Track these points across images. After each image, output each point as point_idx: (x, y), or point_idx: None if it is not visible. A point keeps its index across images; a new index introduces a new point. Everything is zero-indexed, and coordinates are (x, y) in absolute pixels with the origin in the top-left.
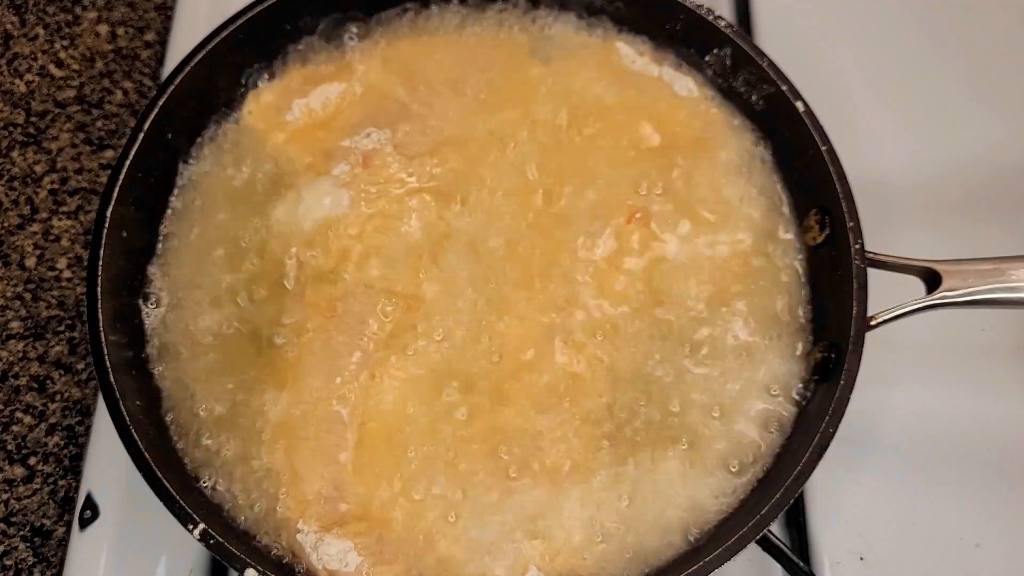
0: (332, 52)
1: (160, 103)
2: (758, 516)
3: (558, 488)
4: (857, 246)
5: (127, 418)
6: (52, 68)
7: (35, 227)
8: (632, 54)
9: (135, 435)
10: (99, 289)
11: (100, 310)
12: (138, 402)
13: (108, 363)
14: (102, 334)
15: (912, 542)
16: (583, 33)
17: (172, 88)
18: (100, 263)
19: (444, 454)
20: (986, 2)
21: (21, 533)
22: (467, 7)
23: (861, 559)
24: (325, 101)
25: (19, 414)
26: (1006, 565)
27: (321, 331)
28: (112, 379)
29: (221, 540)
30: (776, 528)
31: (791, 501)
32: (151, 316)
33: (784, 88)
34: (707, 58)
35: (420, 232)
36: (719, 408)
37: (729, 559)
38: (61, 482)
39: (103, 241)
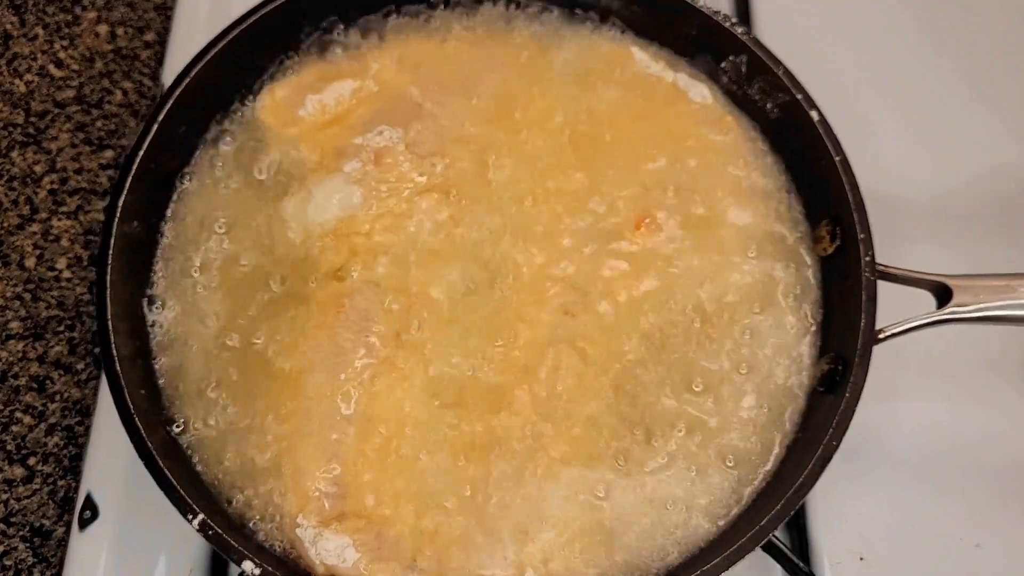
0: (347, 49)
1: (175, 95)
2: (758, 526)
3: (557, 491)
4: (868, 258)
5: (131, 407)
6: (52, 68)
7: (35, 227)
8: (647, 59)
9: (138, 423)
10: (108, 279)
11: (108, 300)
12: (142, 391)
13: (115, 352)
14: (109, 323)
15: (912, 542)
16: (598, 37)
17: (187, 81)
18: (110, 252)
19: (445, 453)
20: (1002, 12)
21: (21, 533)
22: (482, 9)
23: (861, 559)
24: (339, 98)
25: (19, 414)
26: (1006, 565)
27: (327, 327)
28: (118, 368)
29: (220, 531)
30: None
31: (791, 513)
32: (156, 309)
33: (799, 97)
34: (723, 65)
35: (429, 231)
36: (721, 417)
37: (727, 568)
38: (61, 482)
39: (113, 231)
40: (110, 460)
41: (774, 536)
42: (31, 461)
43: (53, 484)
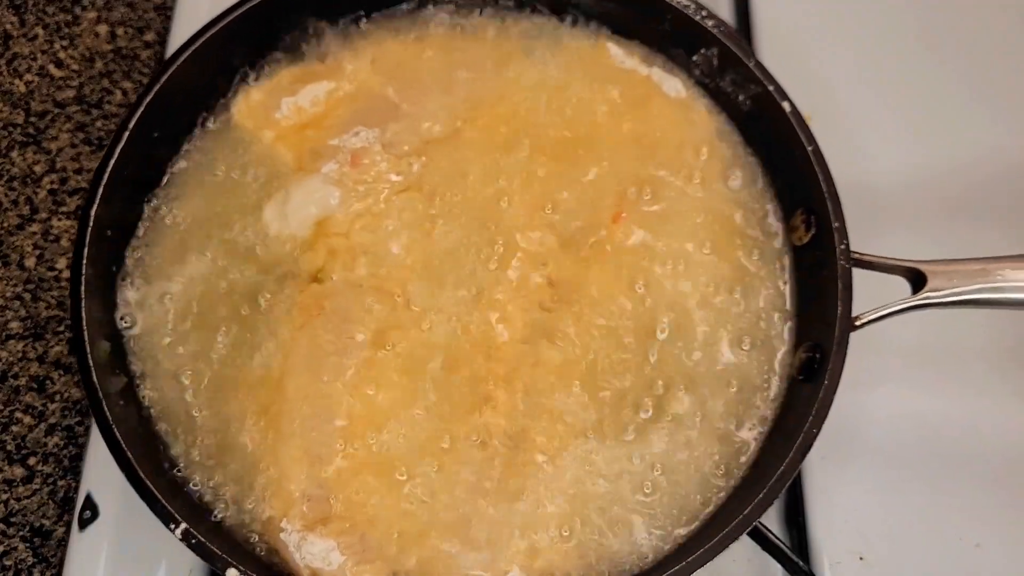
0: (321, 51)
1: (146, 101)
2: (741, 516)
3: (542, 488)
4: (842, 246)
5: (109, 418)
6: (52, 68)
7: (35, 227)
8: (621, 54)
9: (117, 435)
10: (83, 288)
11: (84, 309)
12: (122, 402)
13: (91, 362)
14: (85, 332)
15: (912, 542)
16: (573, 33)
17: (159, 86)
18: (84, 262)
19: (429, 453)
20: (975, 2)
21: (21, 533)
22: (457, 8)
23: (861, 559)
24: (314, 99)
25: (19, 414)
26: (1006, 565)
27: (308, 329)
28: (95, 378)
29: (203, 540)
30: (776, 528)
31: (773, 501)
32: (130, 316)
33: (771, 88)
34: (695, 58)
35: (407, 231)
36: (700, 408)
37: (712, 557)
38: (61, 482)
39: (87, 240)
40: (110, 460)
41: (774, 535)
42: (31, 461)
43: (53, 484)
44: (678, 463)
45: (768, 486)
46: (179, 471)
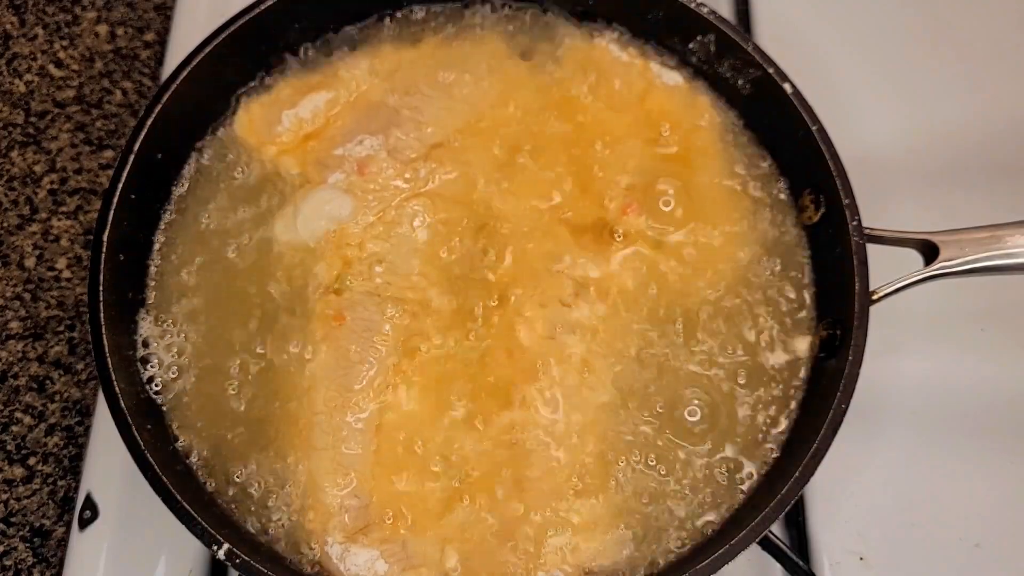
0: (317, 62)
1: (148, 124)
2: (779, 496)
3: (574, 487)
4: (855, 223)
5: (142, 444)
6: (52, 68)
7: (35, 227)
8: (617, 48)
9: (152, 462)
10: (102, 317)
11: (105, 340)
12: (149, 426)
13: (117, 389)
14: (109, 361)
15: (912, 542)
16: (567, 30)
17: (159, 108)
18: (100, 288)
19: (461, 456)
20: None
21: (21, 533)
22: (451, 12)
23: (861, 559)
24: (314, 110)
25: (19, 414)
26: (1006, 565)
27: (331, 341)
28: (123, 404)
29: (248, 559)
30: (776, 528)
31: (809, 479)
32: (153, 341)
33: (771, 71)
34: (691, 46)
35: (421, 236)
36: (725, 394)
37: (766, 528)
38: (61, 482)
39: (101, 266)
40: (110, 460)
41: (774, 536)
42: (31, 461)
43: (53, 484)
44: (708, 449)
45: (803, 464)
46: (209, 490)
